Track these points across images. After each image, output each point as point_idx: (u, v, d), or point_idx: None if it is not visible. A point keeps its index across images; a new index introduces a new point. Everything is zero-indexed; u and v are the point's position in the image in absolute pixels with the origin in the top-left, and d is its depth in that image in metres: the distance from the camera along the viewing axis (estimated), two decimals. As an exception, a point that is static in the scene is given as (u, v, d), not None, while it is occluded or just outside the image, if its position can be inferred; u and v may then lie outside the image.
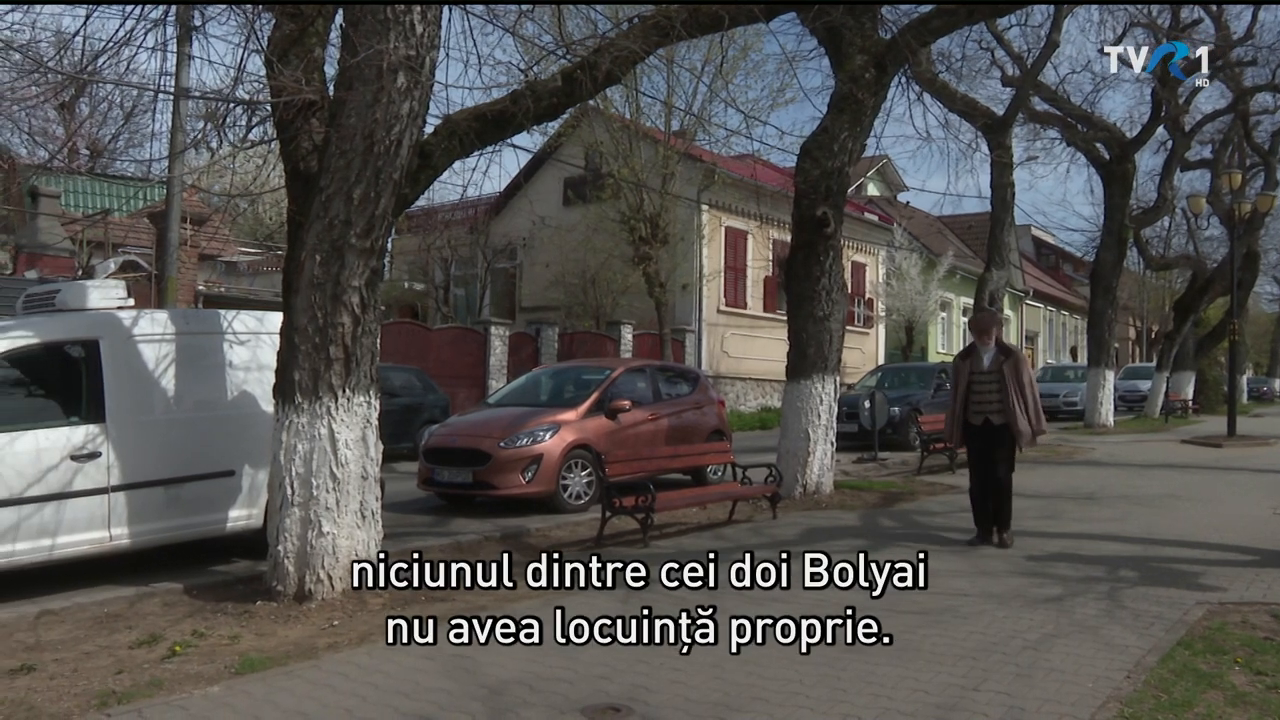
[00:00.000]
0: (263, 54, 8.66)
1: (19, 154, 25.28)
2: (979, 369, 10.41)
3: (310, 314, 7.97)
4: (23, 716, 5.53)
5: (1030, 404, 10.19)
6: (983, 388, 10.36)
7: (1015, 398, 10.12)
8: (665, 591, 8.36)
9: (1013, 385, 10.15)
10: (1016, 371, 10.23)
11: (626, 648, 6.69)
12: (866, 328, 38.57)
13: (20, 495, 8.22)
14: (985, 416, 10.33)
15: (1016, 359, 10.39)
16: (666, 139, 27.35)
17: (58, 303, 9.63)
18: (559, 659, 6.42)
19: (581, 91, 9.62)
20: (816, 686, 5.86)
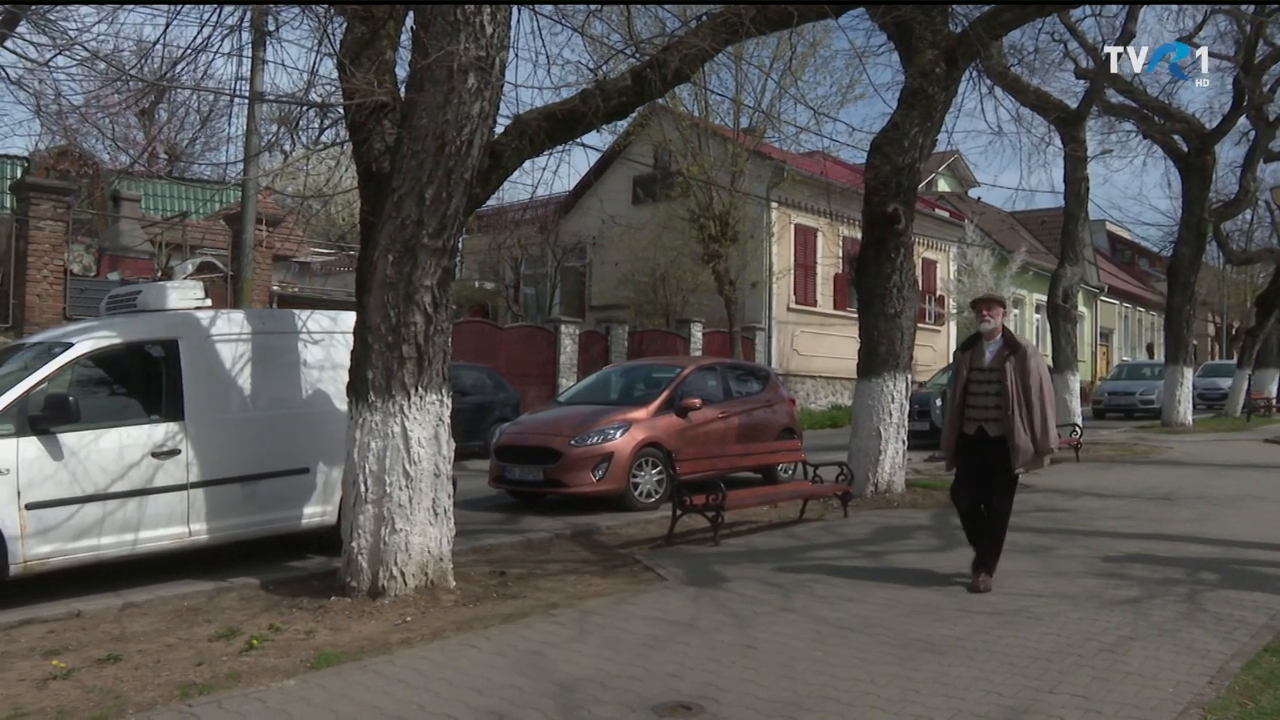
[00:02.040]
0: (335, 57, 8.78)
1: (102, 160, 25.82)
2: (979, 365, 8.53)
3: (383, 313, 8.06)
4: (111, 704, 5.67)
5: (1037, 414, 8.16)
6: (980, 388, 8.46)
7: (1017, 404, 8.16)
8: (736, 589, 8.35)
9: (1015, 388, 8.19)
10: (1022, 371, 8.22)
11: (697, 646, 6.69)
12: (938, 325, 38.18)
13: (105, 491, 8.44)
14: (979, 424, 8.41)
15: (1024, 355, 8.30)
16: (735, 136, 27.28)
17: (139, 303, 9.85)
18: (630, 657, 6.44)
19: (651, 90, 9.61)
20: (887, 686, 5.82)
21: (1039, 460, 8.34)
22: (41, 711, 5.59)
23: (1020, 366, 8.23)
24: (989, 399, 8.36)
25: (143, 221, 23.50)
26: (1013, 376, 8.20)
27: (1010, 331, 8.54)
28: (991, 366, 8.40)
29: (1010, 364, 8.26)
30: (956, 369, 8.75)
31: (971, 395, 8.50)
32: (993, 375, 8.36)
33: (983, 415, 8.39)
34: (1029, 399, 8.17)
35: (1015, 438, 8.12)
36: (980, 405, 8.42)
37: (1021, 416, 8.14)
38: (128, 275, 19.37)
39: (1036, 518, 11.85)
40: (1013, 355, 8.30)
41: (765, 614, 7.50)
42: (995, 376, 8.33)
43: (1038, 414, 8.15)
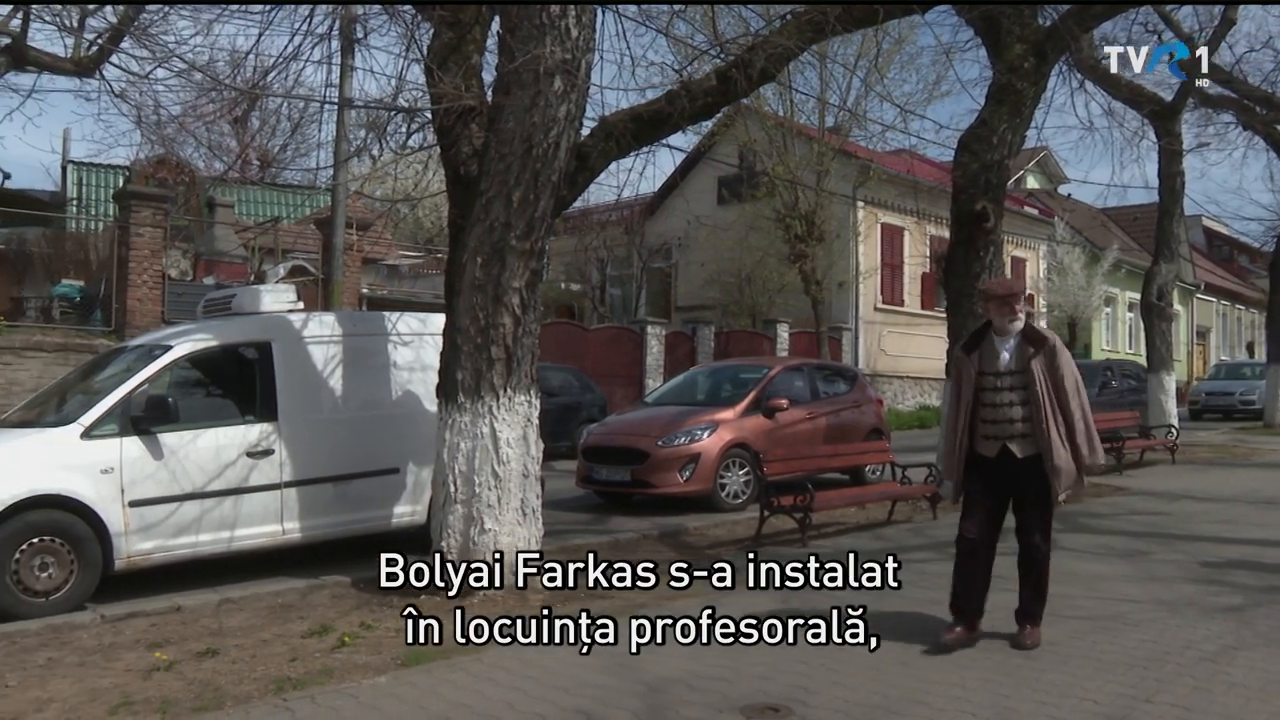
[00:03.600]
0: (423, 63, 8.90)
1: (198, 167, 26.46)
2: (991, 368, 6.73)
3: (472, 315, 8.14)
4: (210, 696, 5.82)
5: (1079, 424, 6.56)
6: (999, 397, 6.68)
7: (1051, 413, 6.51)
8: (825, 591, 8.27)
9: (1047, 394, 6.53)
10: (1052, 371, 6.58)
11: (785, 647, 6.65)
12: (1028, 324, 37.51)
13: (202, 489, 8.66)
14: (1003, 443, 6.67)
15: (1053, 351, 6.63)
16: (821, 135, 27.09)
17: (234, 306, 10.09)
18: (718, 657, 6.42)
19: (736, 90, 9.59)
20: (979, 691, 5.73)
21: (1081, 482, 6.72)
22: (147, 701, 5.75)
23: (1050, 365, 6.58)
24: (1013, 409, 6.62)
25: (236, 227, 24.00)
26: (1042, 379, 6.54)
27: (1031, 323, 6.87)
28: (1012, 369, 6.66)
29: (1038, 363, 6.56)
30: (958, 374, 6.98)
31: (987, 407, 6.72)
32: (1015, 379, 6.65)
33: (1005, 431, 6.64)
34: (1065, 406, 6.54)
35: (1054, 457, 6.47)
36: (1001, 419, 6.65)
37: (1059, 430, 6.51)
38: (222, 279, 19.81)
39: (1131, 521, 11.60)
40: (1039, 352, 6.60)
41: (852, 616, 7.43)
42: (1019, 381, 6.63)
43: (1079, 424, 6.54)
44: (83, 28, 17.70)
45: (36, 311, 18.38)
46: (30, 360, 15.22)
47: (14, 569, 7.81)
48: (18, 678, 6.28)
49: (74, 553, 8.07)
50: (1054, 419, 6.52)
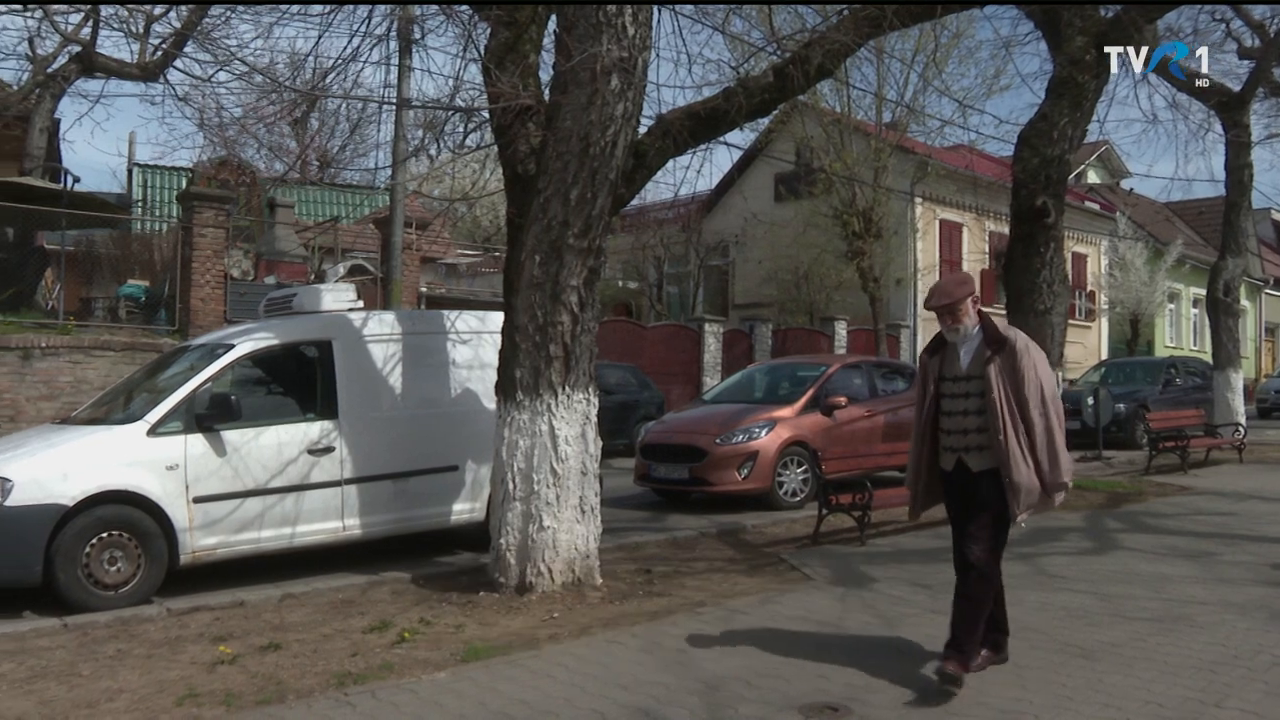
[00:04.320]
0: (480, 62, 8.95)
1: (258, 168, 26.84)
2: (951, 373, 6.09)
3: (530, 313, 8.18)
4: (273, 690, 5.91)
5: (1040, 434, 5.81)
6: (955, 405, 6.04)
7: (1010, 422, 5.79)
8: (883, 590, 8.24)
9: (1005, 400, 5.81)
10: (1013, 374, 5.84)
11: (844, 646, 6.62)
12: (1088, 321, 37.05)
13: (264, 486, 8.78)
14: (958, 456, 6.03)
15: (1013, 352, 5.87)
16: (878, 131, 26.90)
17: (295, 306, 10.22)
18: (776, 656, 6.40)
19: (793, 86, 9.55)
20: (1039, 693, 5.66)
21: (1048, 500, 5.91)
22: (212, 693, 5.85)
23: (1010, 369, 5.85)
24: (968, 418, 5.97)
25: (296, 227, 24.27)
26: (1000, 384, 5.83)
27: (992, 322, 6.11)
28: (969, 373, 5.99)
29: (995, 367, 5.87)
30: (922, 379, 6.32)
31: (945, 416, 6.10)
32: (971, 385, 5.97)
33: (960, 442, 6.01)
34: (1026, 414, 5.81)
35: (1012, 471, 5.75)
36: (956, 428, 6.03)
37: (1019, 440, 5.79)
38: (283, 279, 20.03)
39: (1196, 521, 11.42)
40: (997, 354, 5.89)
41: (913, 615, 7.39)
42: (975, 387, 5.94)
43: (1040, 434, 5.80)
44: (148, 33, 18.07)
45: (104, 311, 18.71)
46: (98, 359, 15.49)
47: (84, 563, 7.99)
48: (90, 668, 6.44)
49: (141, 547, 8.24)
50: (1013, 429, 5.78)
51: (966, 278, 6.28)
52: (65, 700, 5.85)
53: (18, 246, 18.87)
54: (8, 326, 15.32)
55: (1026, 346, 5.93)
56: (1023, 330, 13.04)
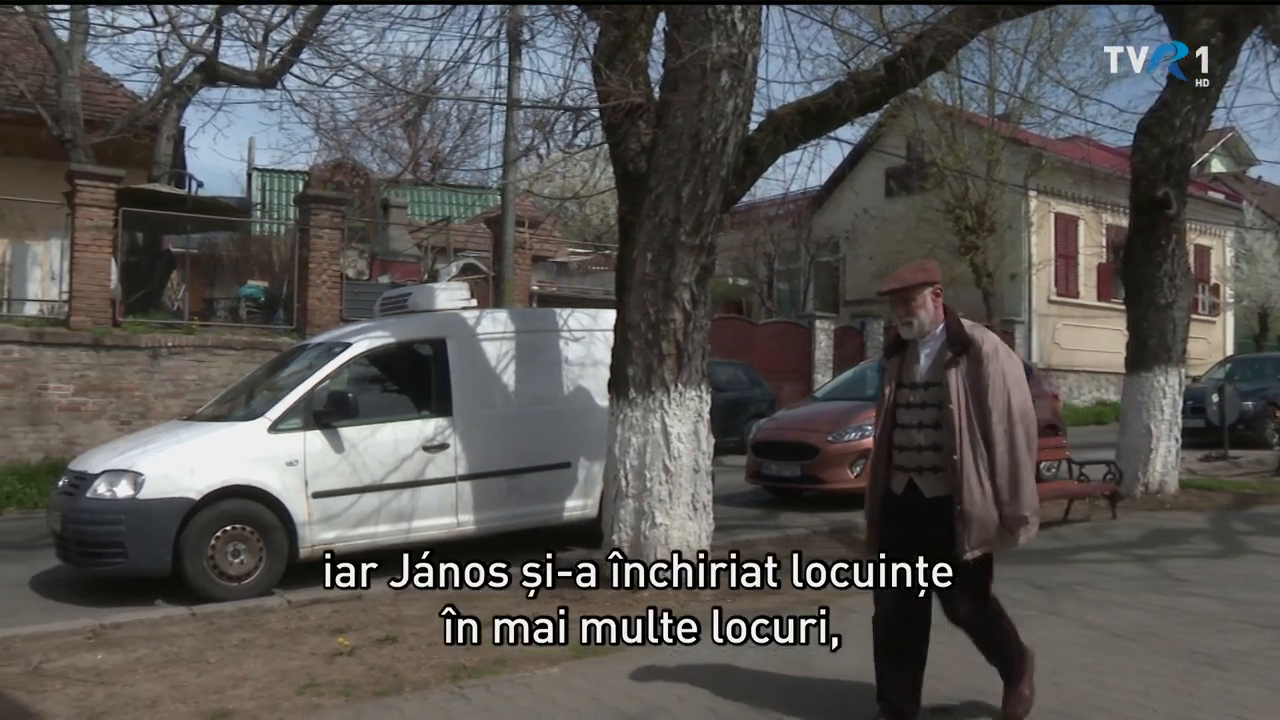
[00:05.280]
0: (589, 61, 9.01)
1: (372, 170, 27.37)
2: (909, 378, 5.17)
3: (643, 311, 8.21)
4: (390, 681, 6.03)
5: (1001, 456, 4.83)
6: (909, 417, 5.11)
7: (968, 444, 4.83)
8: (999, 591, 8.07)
9: (964, 417, 4.86)
10: (975, 383, 4.88)
11: (958, 648, 6.51)
12: (1213, 316, 35.90)
13: (381, 482, 8.96)
14: (909, 477, 5.09)
15: (978, 356, 4.90)
16: (991, 124, 26.45)
17: (410, 305, 10.40)
18: (889, 655, 6.33)
19: (904, 80, 9.44)
20: (1164, 701, 5.49)
21: (1009, 536, 4.92)
22: (331, 684, 5.99)
23: (973, 376, 4.89)
24: (922, 433, 5.03)
25: (410, 227, 24.69)
26: (959, 395, 4.88)
27: (959, 320, 5.11)
28: (927, 379, 5.06)
29: (955, 373, 4.91)
30: (882, 385, 5.42)
31: (899, 428, 5.14)
32: (928, 394, 5.04)
33: (914, 461, 5.06)
34: (988, 431, 4.83)
35: (964, 498, 4.81)
36: (909, 444, 5.07)
37: (976, 462, 4.83)
38: (397, 278, 20.38)
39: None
40: (959, 358, 4.94)
41: (1030, 617, 7.22)
42: (933, 395, 5.00)
43: (1002, 456, 4.82)
44: (267, 42, 18.59)
45: (225, 311, 19.27)
46: (220, 358, 15.97)
47: (210, 554, 8.26)
48: (216, 655, 6.65)
49: (263, 540, 8.48)
50: (971, 448, 4.83)
51: (926, 265, 5.35)
52: (195, 685, 6.05)
53: (146, 250, 19.54)
54: (137, 327, 15.88)
55: (995, 350, 4.93)
56: (1142, 325, 12.93)
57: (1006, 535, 4.91)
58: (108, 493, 8.35)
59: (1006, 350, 5.01)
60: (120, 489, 8.33)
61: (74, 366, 15.02)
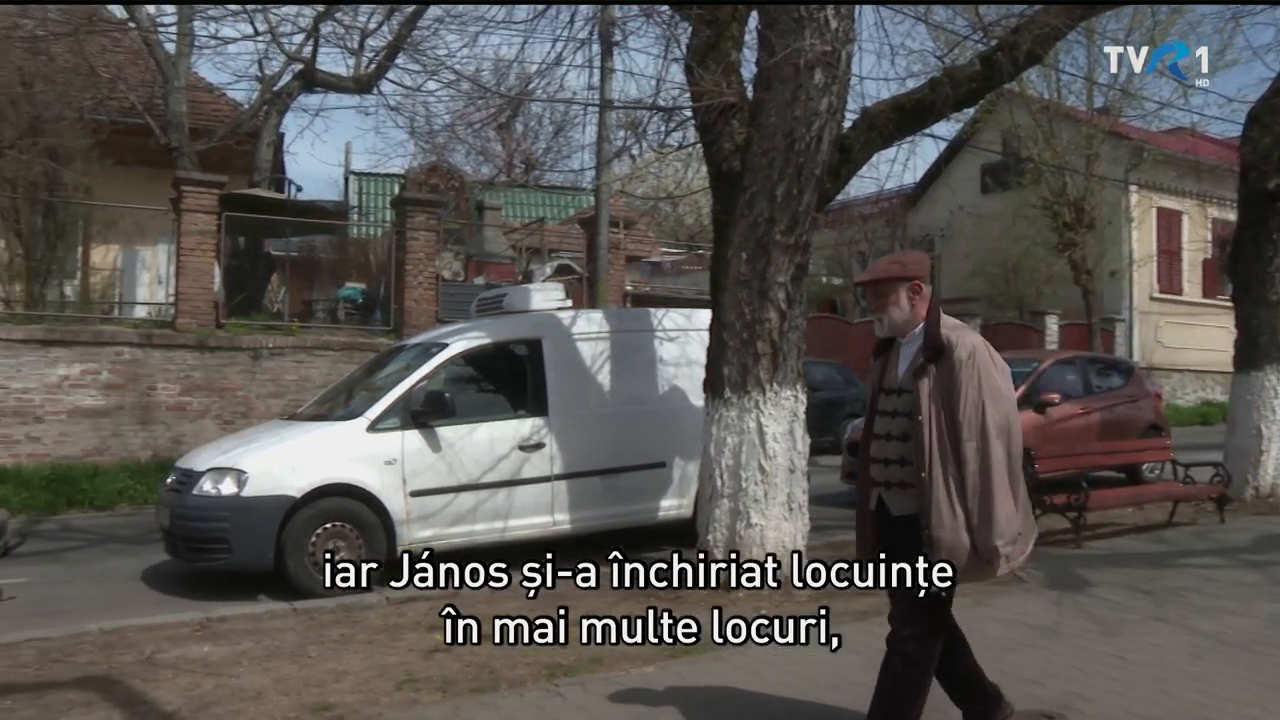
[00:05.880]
0: (682, 61, 9.01)
1: (466, 172, 27.69)
2: (890, 383, 4.73)
3: (737, 310, 8.19)
4: (487, 678, 6.10)
5: (972, 475, 4.33)
6: (884, 425, 4.70)
7: (938, 459, 4.37)
8: (1101, 595, 7.93)
9: (934, 428, 4.39)
10: (947, 391, 4.41)
11: (1059, 653, 6.40)
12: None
13: (477, 481, 9.06)
14: (879, 492, 4.69)
15: (952, 362, 4.42)
16: (1090, 117, 25.90)
17: (505, 305, 10.51)
18: (987, 660, 6.17)
19: (1001, 74, 9.28)
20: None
21: (985, 566, 4.37)
22: (429, 680, 6.07)
23: (946, 384, 4.42)
24: (891, 444, 4.61)
25: (504, 228, 24.93)
26: (930, 403, 4.42)
27: (938, 320, 4.61)
28: (901, 386, 4.63)
29: (927, 380, 4.46)
30: (870, 387, 4.99)
31: (875, 439, 4.73)
32: (901, 401, 4.60)
33: (883, 475, 4.65)
34: (958, 445, 4.35)
35: (931, 521, 4.35)
36: (880, 456, 4.67)
37: (947, 481, 4.35)
38: (492, 279, 20.60)
39: None
40: (931, 363, 4.48)
41: (1134, 623, 7.08)
42: (905, 404, 4.56)
43: (973, 476, 4.33)
44: (363, 48, 18.92)
45: (324, 313, 19.65)
46: (320, 358, 16.29)
47: (310, 551, 8.43)
48: (317, 650, 6.78)
49: (361, 538, 8.63)
50: (940, 465, 4.36)
51: (906, 258, 4.98)
52: (297, 679, 6.18)
53: (248, 253, 20.02)
54: (239, 328, 16.27)
55: (971, 354, 4.41)
56: (1252, 322, 12.55)
57: (982, 565, 4.36)
58: (213, 490, 8.58)
59: (987, 355, 4.48)
60: (225, 486, 8.55)
61: (180, 367, 15.45)
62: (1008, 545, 4.32)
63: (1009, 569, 4.44)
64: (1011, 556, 4.37)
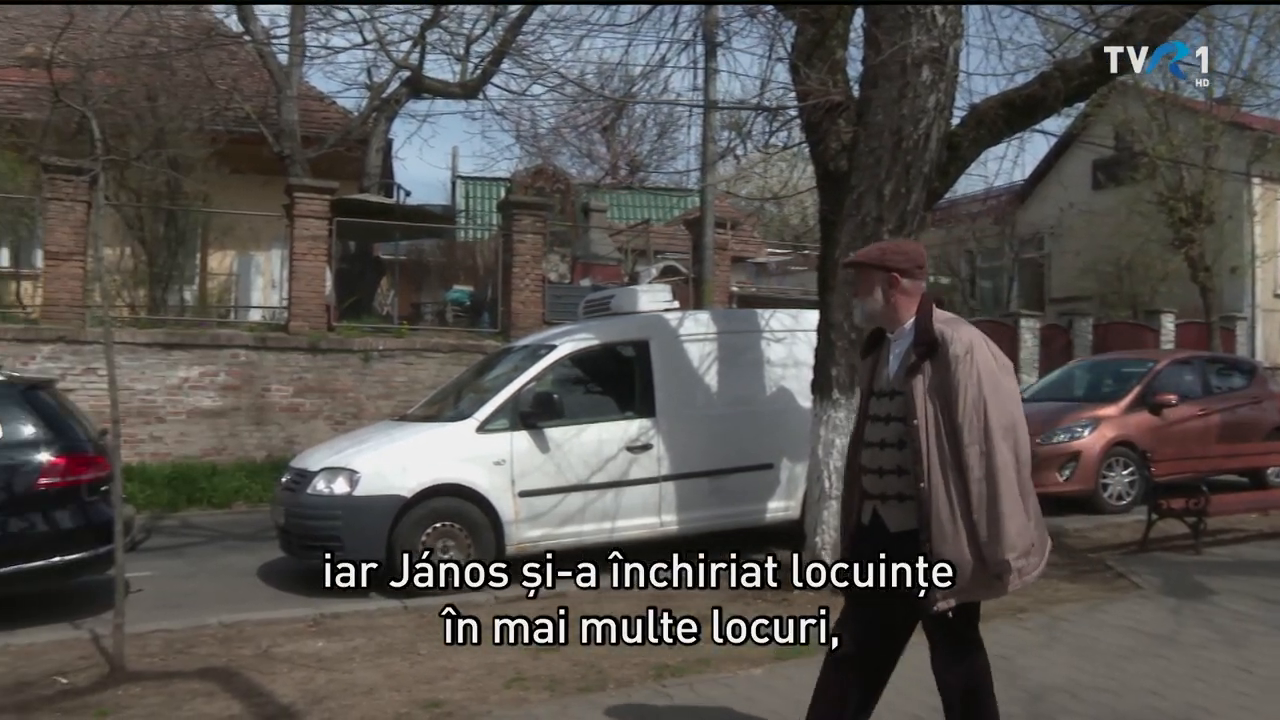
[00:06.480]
0: (786, 61, 8.96)
1: (572, 175, 27.89)
2: (880, 384, 4.26)
3: (846, 311, 8.11)
4: (594, 678, 6.15)
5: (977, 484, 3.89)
6: (875, 432, 4.22)
7: (937, 467, 3.94)
8: (1223, 603, 7.69)
9: (932, 434, 3.97)
10: (944, 392, 3.97)
11: (1179, 663, 6.22)
12: None
13: (585, 482, 9.12)
14: (874, 505, 4.21)
15: (951, 362, 3.97)
16: (1209, 108, 25.13)
17: (613, 307, 10.58)
18: (1102, 667, 6.10)
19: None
20: None
21: (995, 583, 3.96)
22: (537, 679, 6.14)
23: (942, 383, 3.99)
24: (886, 453, 4.15)
25: (610, 230, 25.05)
26: (925, 406, 4.00)
27: (930, 314, 4.15)
28: (893, 388, 4.17)
29: (921, 380, 4.03)
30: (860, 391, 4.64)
31: (865, 446, 4.27)
32: (894, 405, 4.15)
33: (878, 486, 4.18)
34: (960, 453, 3.92)
35: (932, 537, 3.94)
36: (873, 465, 4.21)
37: (948, 491, 3.93)
38: (598, 281, 20.71)
39: None
40: (925, 361, 4.04)
41: (1261, 634, 6.85)
42: (898, 408, 4.11)
43: (977, 484, 3.89)
44: (468, 54, 19.20)
45: (432, 315, 19.97)
46: (428, 360, 16.54)
47: (421, 550, 8.55)
48: (427, 647, 6.90)
49: (470, 537, 8.74)
50: (940, 474, 3.94)
51: (890, 247, 4.54)
52: (408, 675, 6.31)
53: (358, 258, 20.42)
54: (350, 331, 16.60)
55: (969, 350, 3.96)
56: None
57: (992, 582, 3.94)
58: (326, 489, 8.77)
59: (987, 350, 4.03)
60: (337, 486, 8.73)
61: (293, 369, 15.81)
62: (1020, 559, 3.88)
63: (1021, 584, 4.00)
64: (1025, 571, 3.93)
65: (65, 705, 5.92)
